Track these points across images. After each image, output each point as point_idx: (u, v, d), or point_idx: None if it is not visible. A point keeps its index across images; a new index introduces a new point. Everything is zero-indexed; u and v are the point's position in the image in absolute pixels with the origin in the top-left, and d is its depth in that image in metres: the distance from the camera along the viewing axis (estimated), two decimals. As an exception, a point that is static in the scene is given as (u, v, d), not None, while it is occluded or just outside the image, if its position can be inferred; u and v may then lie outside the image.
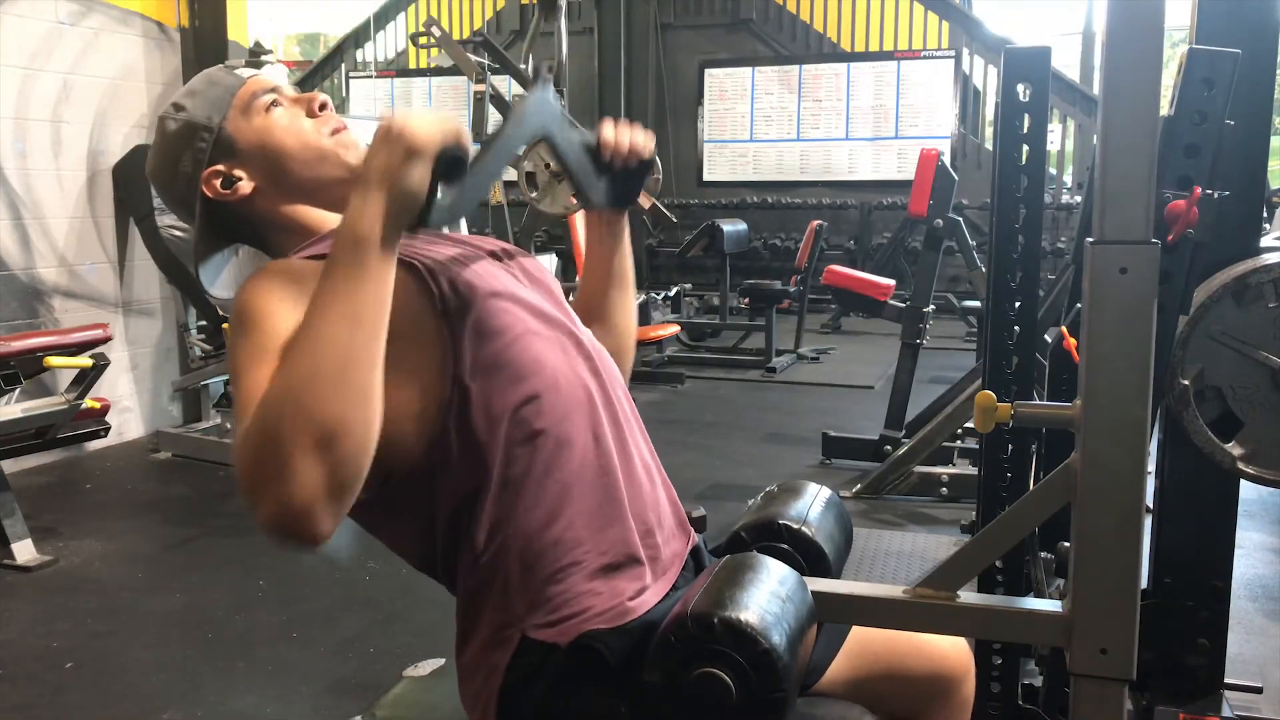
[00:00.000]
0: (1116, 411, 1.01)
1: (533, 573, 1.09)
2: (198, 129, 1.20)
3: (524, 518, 1.09)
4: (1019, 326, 1.92)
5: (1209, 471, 1.71)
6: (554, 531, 1.10)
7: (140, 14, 4.77)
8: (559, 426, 1.11)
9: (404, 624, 2.83)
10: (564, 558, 1.10)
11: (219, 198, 1.20)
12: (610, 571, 1.12)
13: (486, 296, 1.11)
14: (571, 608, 1.09)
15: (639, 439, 1.22)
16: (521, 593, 1.09)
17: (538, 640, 1.09)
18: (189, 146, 1.20)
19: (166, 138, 1.22)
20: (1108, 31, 1.00)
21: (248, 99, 1.21)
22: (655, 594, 1.15)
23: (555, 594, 1.09)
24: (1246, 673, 2.24)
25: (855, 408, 5.42)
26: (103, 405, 3.53)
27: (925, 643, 1.35)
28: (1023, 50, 1.90)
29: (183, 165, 1.20)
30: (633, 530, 1.15)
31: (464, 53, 5.62)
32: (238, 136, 1.20)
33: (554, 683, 1.08)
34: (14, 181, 4.27)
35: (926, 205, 4.20)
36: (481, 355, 1.08)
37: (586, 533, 1.11)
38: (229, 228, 1.24)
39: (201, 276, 1.25)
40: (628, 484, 1.16)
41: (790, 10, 9.60)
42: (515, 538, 1.09)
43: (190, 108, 1.21)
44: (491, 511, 1.09)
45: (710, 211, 9.22)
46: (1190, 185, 1.41)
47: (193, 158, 1.20)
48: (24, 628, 2.83)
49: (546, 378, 1.11)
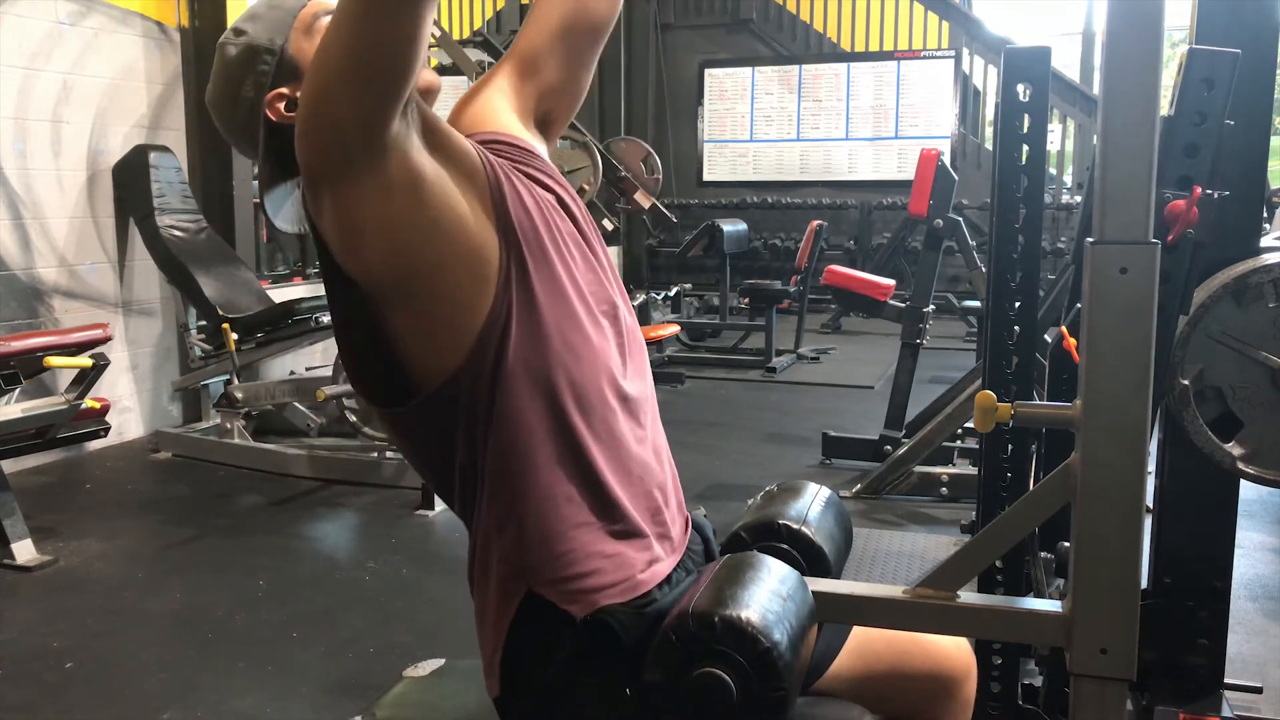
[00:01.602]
0: (1116, 411, 1.01)
1: (545, 525, 1.11)
2: (260, 52, 1.17)
3: (540, 473, 1.10)
4: (1019, 326, 1.92)
5: (1209, 471, 1.71)
6: (569, 489, 1.11)
7: (140, 14, 4.77)
8: (581, 392, 1.13)
9: (404, 624, 2.83)
10: (575, 517, 1.11)
11: (284, 121, 1.17)
12: (620, 537, 1.14)
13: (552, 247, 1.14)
14: (580, 566, 1.10)
15: (655, 418, 1.25)
16: (533, 544, 1.11)
17: (547, 600, 1.10)
18: (251, 70, 1.17)
19: (227, 63, 1.19)
20: (1108, 31, 1.01)
21: (310, 19, 1.19)
22: (665, 567, 1.16)
23: (565, 551, 1.11)
24: (1246, 673, 2.24)
25: (855, 408, 5.42)
26: (103, 405, 3.53)
27: (927, 642, 1.35)
28: (1023, 50, 1.90)
29: (245, 90, 1.18)
30: (642, 503, 1.17)
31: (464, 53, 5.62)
32: (301, 58, 1.17)
33: (566, 659, 1.09)
34: (14, 181, 4.27)
35: (926, 205, 4.20)
36: (526, 305, 1.10)
37: (598, 501, 1.13)
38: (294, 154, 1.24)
39: (266, 206, 1.23)
40: (640, 459, 1.18)
41: (790, 10, 9.59)
42: (531, 490, 1.10)
43: (251, 31, 1.18)
44: (509, 457, 1.10)
45: (710, 211, 9.22)
46: (1190, 185, 1.42)
47: (255, 82, 1.17)
48: (24, 628, 2.82)
49: (579, 340, 1.13)
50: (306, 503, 3.92)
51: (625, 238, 9.24)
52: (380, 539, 3.54)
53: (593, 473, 1.13)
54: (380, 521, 3.71)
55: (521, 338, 1.09)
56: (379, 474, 4.07)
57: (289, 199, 1.25)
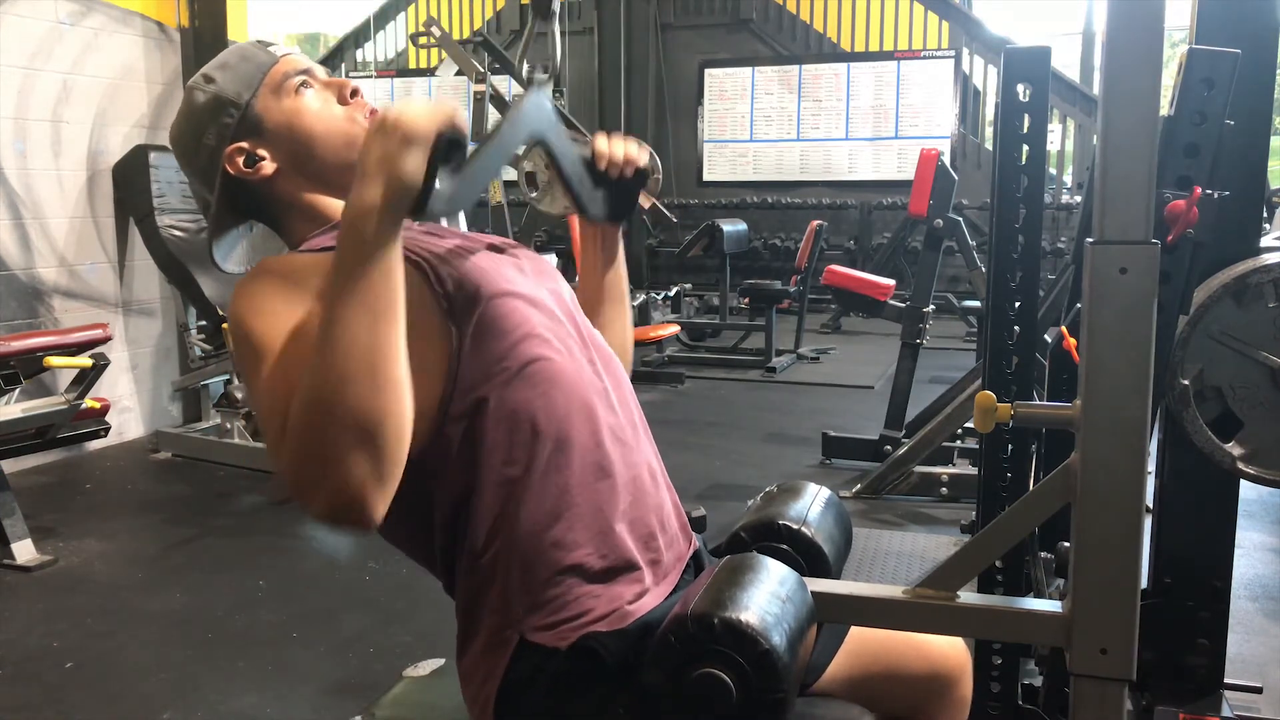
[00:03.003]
0: (1116, 411, 1.01)
1: (532, 574, 1.09)
2: (226, 104, 1.18)
3: (523, 519, 1.08)
4: (1019, 326, 1.92)
5: (1209, 471, 1.71)
6: (553, 534, 1.09)
7: (140, 14, 4.77)
8: (559, 427, 1.10)
9: (404, 624, 2.83)
10: (563, 560, 1.09)
11: (240, 175, 1.18)
12: (610, 575, 1.12)
13: (492, 294, 1.10)
14: (570, 610, 1.09)
15: (643, 441, 1.22)
16: (520, 594, 1.09)
17: (536, 643, 1.08)
18: (215, 120, 1.18)
19: (194, 108, 1.20)
20: (1108, 31, 1.00)
21: (280, 79, 1.19)
22: (655, 598, 1.14)
23: (554, 596, 1.09)
24: (1246, 673, 2.24)
25: (855, 408, 5.41)
26: (103, 405, 3.53)
27: (923, 642, 1.35)
28: (1023, 50, 1.90)
29: (206, 138, 1.19)
30: (634, 534, 1.15)
31: (464, 53, 5.62)
32: (265, 116, 1.18)
33: (552, 684, 1.08)
34: (14, 181, 4.27)
35: (926, 205, 4.20)
36: (483, 353, 1.08)
37: (586, 535, 1.10)
38: (246, 205, 1.23)
39: (214, 251, 1.25)
40: (631, 486, 1.15)
41: (790, 10, 9.60)
42: (514, 539, 1.09)
43: (221, 81, 1.19)
44: (490, 512, 1.08)
45: (710, 211, 9.22)
46: (1190, 185, 1.42)
47: (217, 132, 1.18)
48: (24, 628, 2.82)
49: (548, 377, 1.11)
50: (306, 503, 3.92)
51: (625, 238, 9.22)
52: (380, 539, 3.53)
53: (579, 511, 1.10)
54: (380, 521, 3.70)
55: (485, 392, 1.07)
56: (379, 474, 4.07)
57: (239, 243, 1.28)
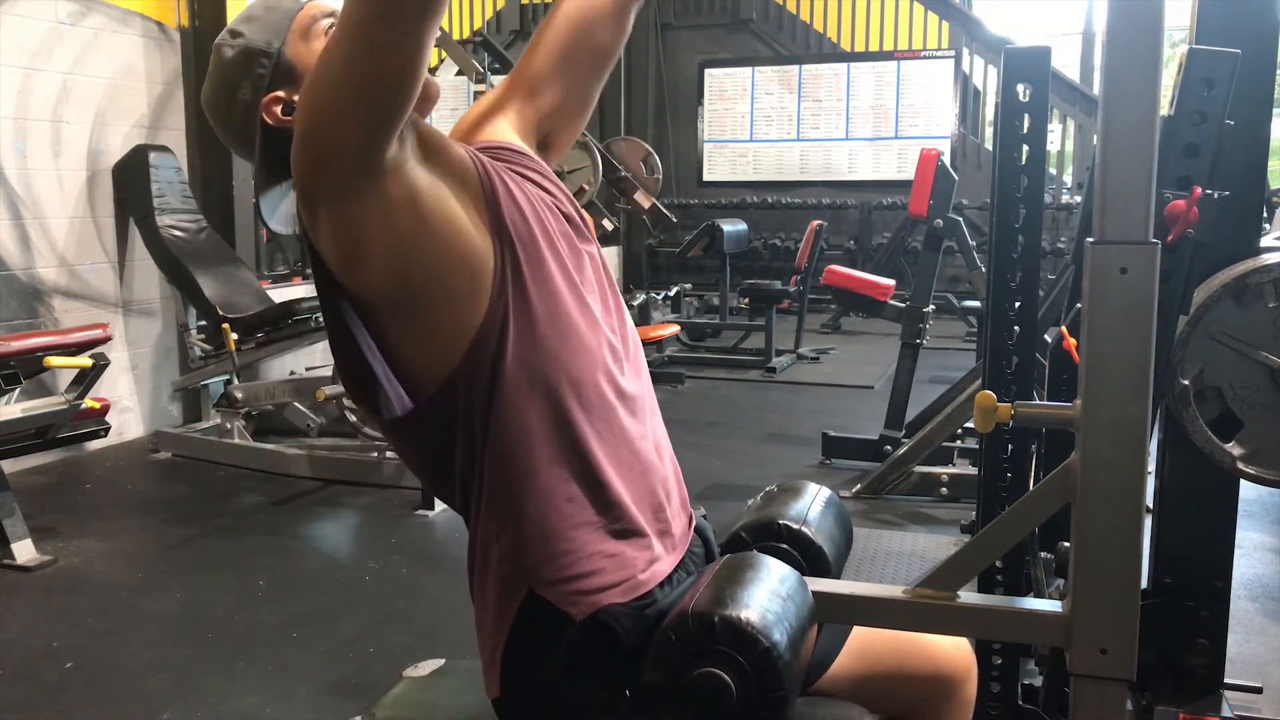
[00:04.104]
0: (1116, 411, 1.01)
1: (545, 525, 1.11)
2: (256, 55, 1.17)
3: (542, 472, 1.10)
4: (1019, 326, 1.92)
5: (1209, 471, 1.71)
6: (569, 488, 1.11)
7: (140, 14, 4.77)
8: (581, 388, 1.12)
9: (404, 624, 2.83)
10: (576, 515, 1.11)
11: (280, 124, 1.16)
12: (621, 536, 1.13)
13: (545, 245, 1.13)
14: (581, 566, 1.10)
15: (651, 415, 1.24)
16: (533, 545, 1.11)
17: (548, 601, 1.10)
18: (248, 73, 1.17)
19: (224, 66, 1.18)
20: (1108, 31, 1.01)
21: (307, 22, 1.19)
22: (667, 565, 1.16)
23: (565, 551, 1.11)
24: (1246, 673, 2.24)
25: (855, 408, 5.41)
26: (103, 405, 3.53)
27: (927, 643, 1.35)
28: (1023, 50, 1.90)
29: (241, 93, 1.17)
30: (644, 500, 1.17)
31: (464, 53, 5.62)
32: (298, 61, 1.17)
33: (566, 658, 1.09)
34: (14, 181, 4.27)
35: (926, 205, 4.20)
36: (521, 304, 1.10)
37: (600, 494, 1.13)
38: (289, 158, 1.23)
39: (261, 208, 1.23)
40: (641, 455, 1.18)
41: (790, 10, 9.59)
42: (531, 490, 1.10)
43: (248, 33, 1.18)
44: (509, 460, 1.10)
45: (710, 211, 9.22)
46: (1190, 185, 1.42)
47: (252, 84, 1.17)
48: (24, 628, 2.82)
49: (576, 338, 1.13)
50: (306, 503, 3.92)
51: (625, 238, 9.24)
52: (380, 539, 3.54)
53: (593, 471, 1.13)
54: (380, 521, 3.71)
55: (518, 337, 1.09)
56: (379, 474, 4.07)
57: (284, 200, 1.24)
